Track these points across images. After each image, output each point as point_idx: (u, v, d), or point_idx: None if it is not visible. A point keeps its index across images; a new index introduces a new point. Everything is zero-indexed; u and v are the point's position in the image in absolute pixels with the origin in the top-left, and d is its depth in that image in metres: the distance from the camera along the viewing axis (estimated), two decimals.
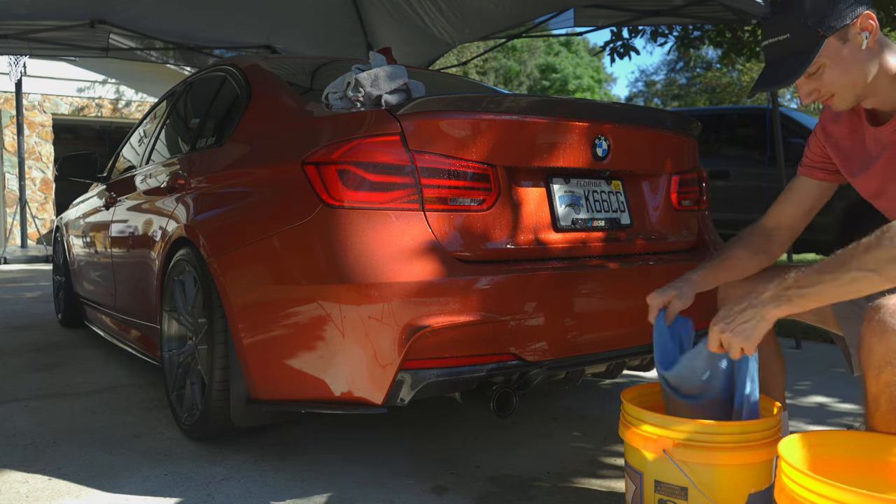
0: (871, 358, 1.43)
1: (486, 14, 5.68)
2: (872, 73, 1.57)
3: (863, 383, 1.48)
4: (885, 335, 1.40)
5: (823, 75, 1.57)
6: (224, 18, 6.09)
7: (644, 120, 2.37)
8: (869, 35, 1.54)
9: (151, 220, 2.89)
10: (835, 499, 1.20)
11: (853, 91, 1.59)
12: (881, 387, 1.42)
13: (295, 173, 2.02)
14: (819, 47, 1.53)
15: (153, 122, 3.67)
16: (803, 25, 1.53)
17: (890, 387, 1.41)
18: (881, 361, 1.41)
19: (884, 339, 1.40)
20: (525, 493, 2.00)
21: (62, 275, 4.74)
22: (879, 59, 1.57)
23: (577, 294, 2.08)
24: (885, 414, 1.44)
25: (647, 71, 45.13)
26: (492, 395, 1.92)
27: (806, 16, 1.53)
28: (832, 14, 1.53)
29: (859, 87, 1.59)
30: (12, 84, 12.08)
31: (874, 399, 1.45)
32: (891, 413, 1.43)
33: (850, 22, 1.53)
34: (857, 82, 1.58)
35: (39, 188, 13.37)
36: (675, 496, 1.61)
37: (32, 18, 5.45)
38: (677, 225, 2.48)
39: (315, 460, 2.26)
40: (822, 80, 1.58)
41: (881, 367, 1.41)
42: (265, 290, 2.09)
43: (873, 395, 1.45)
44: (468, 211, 2.00)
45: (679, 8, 4.83)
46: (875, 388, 1.44)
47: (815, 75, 1.58)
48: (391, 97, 2.13)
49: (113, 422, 2.67)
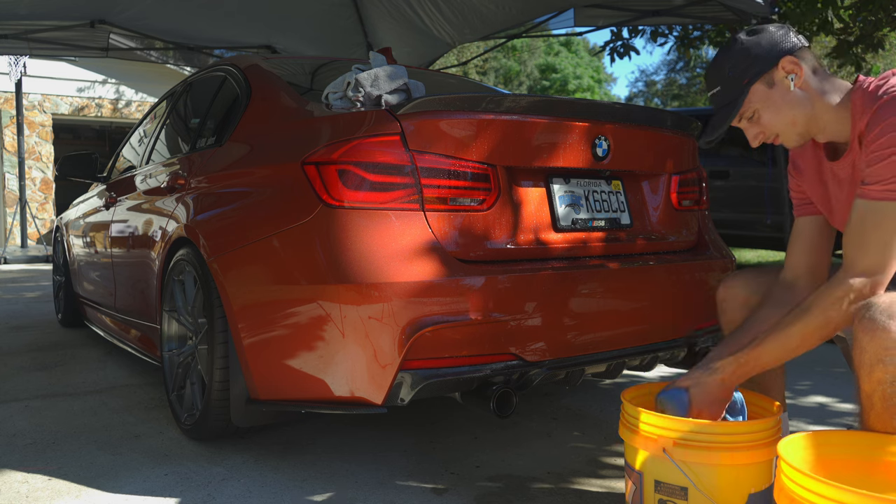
0: (863, 356, 1.45)
1: (486, 14, 5.68)
2: (809, 111, 1.63)
3: (856, 382, 1.49)
4: (876, 333, 1.42)
5: (761, 119, 1.64)
6: (224, 18, 6.10)
7: (644, 120, 2.37)
8: (795, 77, 1.60)
9: (151, 220, 2.89)
10: (835, 499, 1.20)
11: (795, 130, 1.65)
12: (874, 385, 1.44)
13: (295, 173, 2.02)
14: (744, 95, 1.62)
15: (153, 122, 3.67)
16: (730, 77, 1.63)
17: (882, 384, 1.43)
18: (873, 359, 1.43)
19: (875, 337, 1.42)
20: (525, 493, 2.00)
21: (62, 275, 4.74)
22: (816, 97, 1.62)
23: (577, 294, 2.08)
24: (880, 412, 1.45)
25: (647, 71, 45.18)
26: (492, 395, 1.92)
27: (731, 68, 1.62)
28: (754, 62, 1.61)
29: (800, 126, 1.64)
30: (12, 84, 12.07)
31: (867, 397, 1.47)
32: (885, 411, 1.44)
33: (773, 67, 1.60)
34: (796, 121, 1.64)
35: (39, 188, 13.37)
36: (675, 496, 1.61)
37: (32, 18, 5.45)
38: (677, 225, 2.48)
39: (315, 460, 2.26)
40: (762, 123, 1.65)
41: (873, 364, 1.43)
42: (265, 290, 2.09)
43: (867, 393, 1.47)
44: (468, 211, 2.00)
45: (679, 8, 4.84)
46: (868, 387, 1.46)
47: (754, 119, 1.66)
48: (391, 97, 2.13)
49: (113, 422, 2.67)
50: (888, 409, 1.44)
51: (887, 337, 1.41)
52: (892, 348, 1.40)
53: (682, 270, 2.39)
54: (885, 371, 1.42)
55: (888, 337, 1.40)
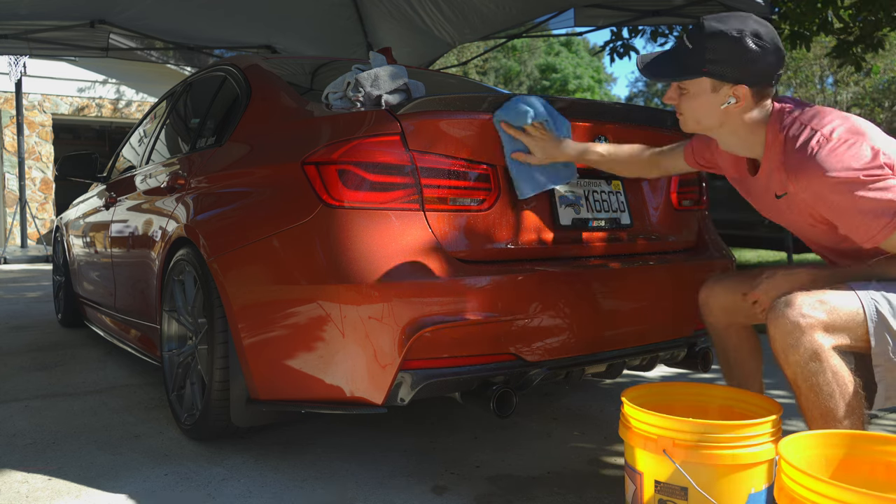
0: (775, 345, 1.59)
1: (487, 14, 5.68)
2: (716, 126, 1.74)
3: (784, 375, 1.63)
4: (778, 321, 1.58)
5: (683, 97, 1.73)
6: (224, 18, 6.09)
7: (644, 120, 2.37)
8: (735, 102, 1.67)
9: (151, 220, 2.89)
10: (835, 498, 1.20)
11: (695, 126, 1.77)
12: (793, 368, 1.58)
13: (295, 173, 2.02)
14: (691, 76, 1.69)
15: (153, 122, 3.67)
16: (700, 51, 1.66)
17: (799, 366, 1.56)
18: (783, 346, 1.57)
19: (778, 326, 1.58)
20: (525, 493, 2.00)
21: (62, 275, 4.74)
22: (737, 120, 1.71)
23: (577, 294, 2.08)
24: (806, 392, 1.58)
25: None
26: (492, 395, 1.92)
27: (715, 47, 1.64)
28: (724, 65, 1.64)
29: (701, 127, 1.77)
30: (12, 84, 12.08)
31: (793, 382, 1.60)
32: (810, 390, 1.57)
33: (728, 83, 1.66)
34: (701, 124, 1.75)
35: (39, 188, 13.37)
36: (675, 496, 1.61)
37: (32, 18, 5.45)
38: (677, 225, 2.48)
39: (315, 460, 2.26)
40: (681, 100, 1.74)
41: (786, 351, 1.57)
42: (265, 290, 2.09)
43: (791, 379, 1.60)
44: (468, 211, 2.00)
45: (679, 8, 4.84)
46: (790, 372, 1.59)
47: (681, 93, 1.73)
48: (391, 97, 2.13)
49: (113, 422, 2.67)
50: (811, 388, 1.56)
51: (787, 322, 1.56)
52: (793, 331, 1.55)
53: (682, 270, 2.39)
54: (797, 353, 1.56)
55: (787, 322, 1.56)
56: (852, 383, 1.56)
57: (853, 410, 1.55)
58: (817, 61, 18.55)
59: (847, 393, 1.55)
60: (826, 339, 1.55)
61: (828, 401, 1.55)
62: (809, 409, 1.59)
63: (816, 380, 1.55)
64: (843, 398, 1.55)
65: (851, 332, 1.58)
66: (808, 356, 1.55)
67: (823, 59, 17.25)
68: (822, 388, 1.55)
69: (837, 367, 1.55)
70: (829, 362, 1.55)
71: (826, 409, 1.56)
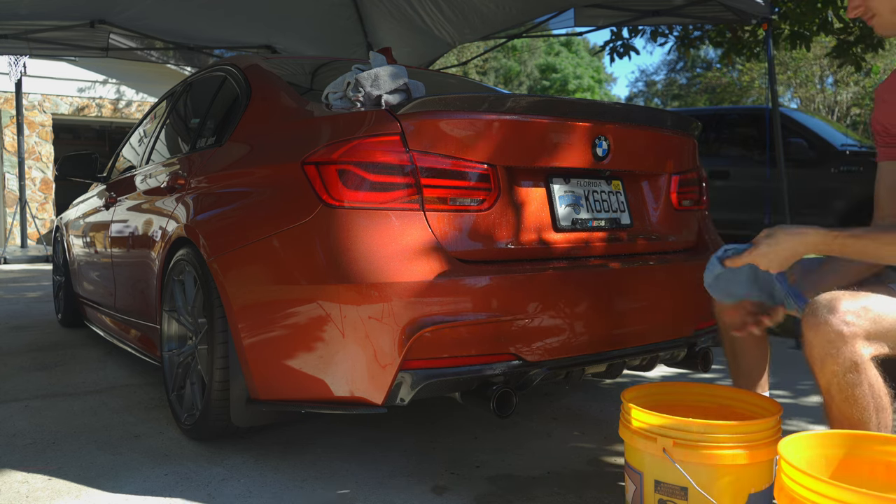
0: (812, 351, 1.52)
1: (487, 14, 5.68)
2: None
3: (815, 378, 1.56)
4: (819, 328, 1.50)
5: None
6: (224, 18, 6.09)
7: (644, 120, 2.37)
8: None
9: (151, 220, 2.89)
10: (835, 498, 1.20)
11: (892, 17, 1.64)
12: (828, 377, 1.51)
13: (295, 173, 2.02)
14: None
15: (153, 122, 3.67)
16: None
17: (836, 376, 1.49)
18: (822, 353, 1.50)
19: (818, 332, 1.50)
20: (525, 493, 2.00)
21: (62, 275, 4.74)
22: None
23: (577, 294, 2.08)
24: (840, 403, 1.52)
25: (647, 71, 45.17)
26: (492, 395, 1.92)
27: None
28: None
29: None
30: (12, 84, 12.07)
31: (826, 391, 1.54)
32: (843, 401, 1.50)
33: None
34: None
35: (39, 188, 13.37)
36: (675, 496, 1.61)
37: (33, 18, 5.45)
38: (677, 225, 2.48)
39: (315, 460, 2.26)
40: None
41: (823, 359, 1.50)
42: (265, 291, 2.09)
43: (824, 387, 1.54)
44: (468, 211, 2.00)
45: (679, 8, 4.84)
46: (824, 381, 1.53)
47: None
48: (391, 97, 2.13)
49: (113, 422, 2.67)
50: (846, 400, 1.50)
51: (829, 330, 1.48)
52: (835, 340, 1.48)
53: (682, 270, 2.39)
54: (835, 363, 1.48)
55: (830, 330, 1.48)
56: (887, 396, 1.50)
57: (883, 424, 1.51)
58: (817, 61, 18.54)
59: (882, 406, 1.50)
60: (867, 349, 1.49)
61: (862, 413, 1.50)
62: (839, 419, 1.54)
63: (853, 392, 1.49)
64: (878, 411, 1.50)
65: (892, 339, 1.52)
66: (848, 367, 1.48)
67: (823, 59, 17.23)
68: (858, 400, 1.49)
69: (874, 378, 1.49)
70: (868, 374, 1.48)
71: (858, 420, 1.51)
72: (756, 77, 21.01)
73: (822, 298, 1.54)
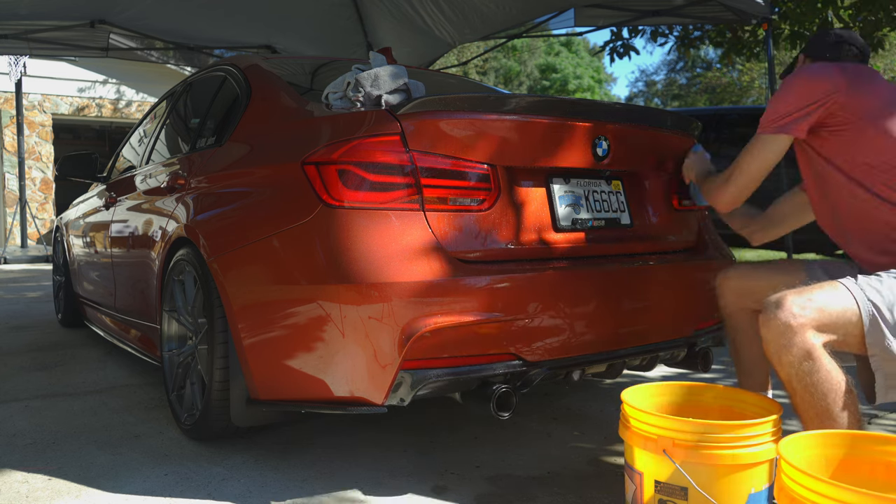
0: (769, 347, 1.62)
1: (487, 14, 5.69)
2: None
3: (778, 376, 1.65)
4: (770, 323, 1.60)
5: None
6: (224, 18, 6.10)
7: (644, 120, 2.37)
8: None
9: (151, 220, 2.89)
10: (835, 498, 1.20)
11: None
12: (786, 368, 1.60)
13: (295, 173, 2.02)
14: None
15: (153, 122, 3.67)
16: None
17: (793, 367, 1.58)
18: (776, 347, 1.60)
19: (770, 328, 1.60)
20: (525, 493, 2.00)
21: (62, 275, 4.74)
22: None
23: (577, 294, 2.08)
24: (801, 393, 1.60)
25: (647, 71, 45.19)
26: (492, 395, 1.92)
27: None
28: None
29: None
30: (12, 84, 12.07)
31: (788, 383, 1.62)
32: (805, 391, 1.59)
33: None
34: None
35: (39, 188, 13.37)
36: (675, 496, 1.61)
37: (33, 18, 5.46)
38: (677, 225, 2.48)
39: (315, 460, 2.26)
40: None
41: (779, 352, 1.60)
42: (265, 291, 2.09)
43: (785, 380, 1.62)
44: (468, 211, 2.00)
45: (679, 8, 4.84)
46: (784, 373, 1.61)
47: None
48: (391, 97, 2.13)
49: (113, 422, 2.67)
50: (807, 388, 1.58)
51: (779, 323, 1.58)
52: (785, 332, 1.58)
53: (682, 270, 2.39)
54: (790, 353, 1.58)
55: (780, 323, 1.58)
56: (845, 381, 1.58)
57: (848, 408, 1.57)
58: None
59: (841, 390, 1.57)
60: (818, 338, 1.58)
61: (823, 399, 1.57)
62: (805, 409, 1.61)
63: (811, 379, 1.57)
64: (838, 396, 1.57)
65: (842, 327, 1.60)
66: (802, 356, 1.57)
67: None
68: (817, 387, 1.57)
69: (830, 365, 1.57)
70: (822, 361, 1.57)
71: (821, 408, 1.58)
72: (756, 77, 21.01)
73: (771, 298, 1.64)
